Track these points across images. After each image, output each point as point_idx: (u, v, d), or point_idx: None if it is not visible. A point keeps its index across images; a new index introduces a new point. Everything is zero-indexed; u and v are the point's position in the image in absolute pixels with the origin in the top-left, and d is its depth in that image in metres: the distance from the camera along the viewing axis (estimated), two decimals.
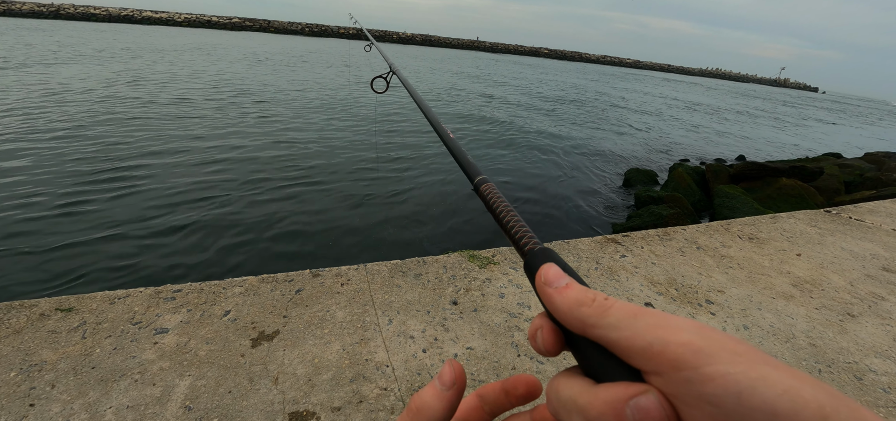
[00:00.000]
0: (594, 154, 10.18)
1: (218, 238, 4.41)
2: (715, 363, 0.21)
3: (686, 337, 0.22)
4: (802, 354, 1.80)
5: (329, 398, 1.35)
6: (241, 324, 1.64)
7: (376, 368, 1.48)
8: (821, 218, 3.39)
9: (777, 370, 0.21)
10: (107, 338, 1.54)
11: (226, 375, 1.41)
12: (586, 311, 0.25)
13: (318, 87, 16.12)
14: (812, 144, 17.31)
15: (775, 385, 0.20)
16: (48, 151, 6.42)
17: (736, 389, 0.20)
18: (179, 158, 6.65)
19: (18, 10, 60.76)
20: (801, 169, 7.97)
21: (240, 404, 1.31)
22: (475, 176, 0.45)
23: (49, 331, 1.56)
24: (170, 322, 1.63)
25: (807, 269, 2.53)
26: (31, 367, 1.41)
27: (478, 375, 1.49)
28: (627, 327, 0.24)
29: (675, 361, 0.22)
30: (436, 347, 1.60)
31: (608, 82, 40.50)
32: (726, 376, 0.21)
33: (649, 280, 2.24)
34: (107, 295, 1.76)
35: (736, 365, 0.21)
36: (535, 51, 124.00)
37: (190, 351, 1.50)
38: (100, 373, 1.40)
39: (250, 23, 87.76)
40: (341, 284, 1.93)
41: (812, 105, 50.24)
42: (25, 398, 1.30)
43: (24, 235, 4.13)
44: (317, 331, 1.64)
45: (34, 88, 10.91)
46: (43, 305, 1.69)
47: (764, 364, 0.21)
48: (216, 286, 1.85)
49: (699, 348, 0.22)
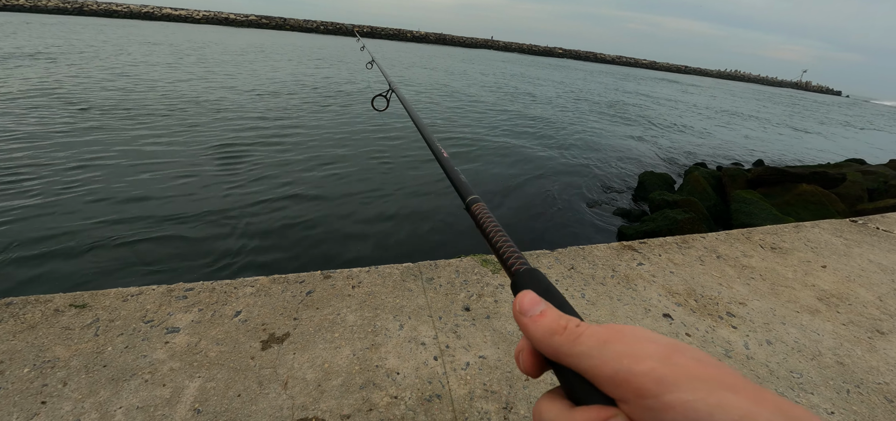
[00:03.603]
0: (608, 156, 10.04)
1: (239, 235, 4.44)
2: (675, 391, 0.22)
3: (649, 365, 0.23)
4: (829, 373, 1.72)
5: (339, 405, 1.33)
6: (251, 325, 1.63)
7: (386, 375, 1.45)
8: (846, 228, 3.27)
9: (737, 395, 0.22)
10: (119, 336, 1.54)
11: (235, 377, 1.40)
12: (558, 340, 0.27)
13: (345, 83, 16.21)
14: (834, 149, 16.84)
15: (731, 411, 0.21)
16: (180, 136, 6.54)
17: (694, 416, 0.21)
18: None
19: (44, 7, 62.36)
20: (822, 175, 7.74)
21: (248, 409, 1.30)
22: (467, 195, 0.47)
23: (62, 327, 1.57)
24: (181, 321, 1.62)
25: (832, 282, 2.44)
26: (44, 363, 1.41)
27: (490, 385, 1.45)
28: (597, 356, 0.25)
29: (638, 389, 0.23)
30: (447, 355, 1.57)
31: (622, 84, 39.99)
32: (685, 404, 0.22)
33: (667, 290, 2.17)
34: (120, 292, 1.76)
35: (695, 392, 0.22)
36: (549, 50, 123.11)
37: (200, 352, 1.49)
38: (111, 372, 1.40)
39: (266, 20, 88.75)
40: (352, 286, 1.91)
41: (835, 108, 48.95)
42: (37, 395, 1.31)
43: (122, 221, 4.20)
44: (327, 334, 1.61)
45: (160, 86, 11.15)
46: (57, 300, 1.70)
47: (724, 390, 0.22)
48: (228, 286, 1.85)
49: (661, 377, 0.23)
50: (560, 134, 11.72)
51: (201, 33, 48.32)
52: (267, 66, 21.63)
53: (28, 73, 12.65)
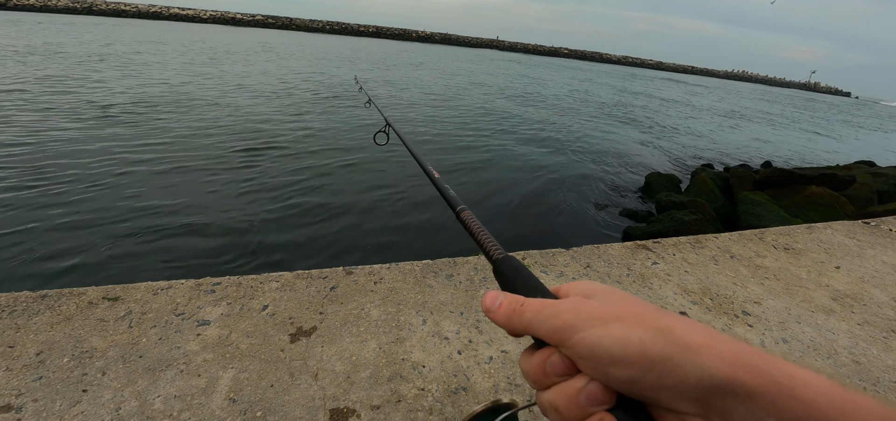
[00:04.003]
0: (614, 156, 10.04)
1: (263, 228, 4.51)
2: (580, 331, 0.31)
3: (564, 319, 0.33)
4: (846, 372, 1.75)
5: (368, 396, 1.37)
6: (279, 319, 1.68)
7: (413, 368, 1.49)
8: (859, 230, 3.28)
9: (622, 324, 0.31)
10: (152, 328, 1.59)
11: (267, 368, 1.44)
12: (514, 320, 0.36)
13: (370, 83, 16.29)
14: (844, 151, 16.73)
15: (613, 335, 0.30)
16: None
17: (590, 345, 0.31)
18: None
19: (54, 7, 62.96)
20: (831, 177, 7.70)
21: (282, 399, 1.34)
22: (456, 205, 0.57)
23: (97, 319, 1.62)
24: (211, 314, 1.67)
25: (847, 282, 2.45)
26: (83, 353, 1.47)
27: (514, 378, 1.49)
28: (537, 323, 0.34)
29: (560, 338, 0.33)
30: (470, 349, 1.61)
31: (628, 84, 39.86)
32: (585, 339, 0.31)
33: (683, 288, 2.20)
34: (150, 285, 1.82)
35: (592, 329, 0.31)
36: (554, 51, 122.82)
37: (231, 344, 1.54)
38: (147, 362, 1.44)
39: (273, 20, 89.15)
40: (374, 282, 1.95)
41: (844, 110, 48.55)
42: (78, 384, 1.35)
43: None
44: (353, 328, 1.66)
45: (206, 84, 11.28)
46: (90, 293, 1.76)
47: (614, 321, 0.31)
48: (253, 280, 1.89)
49: (571, 324, 0.32)
50: (566, 135, 11.73)
51: (209, 33, 48.66)
52: (281, 65, 21.77)
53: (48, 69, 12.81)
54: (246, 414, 1.28)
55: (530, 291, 0.38)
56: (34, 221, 4.27)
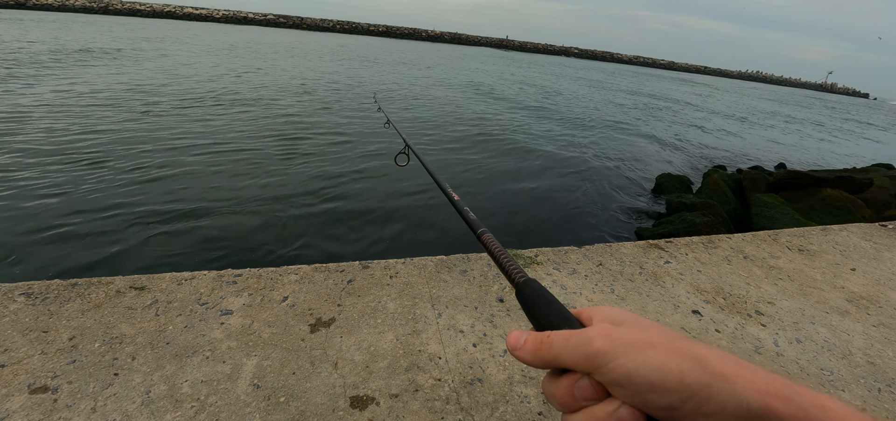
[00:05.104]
0: (625, 157, 9.99)
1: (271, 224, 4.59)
2: (615, 359, 0.32)
3: (597, 346, 0.33)
4: (860, 372, 1.75)
5: (387, 385, 1.41)
6: (299, 310, 1.73)
7: (429, 360, 1.53)
8: (876, 232, 3.25)
9: (657, 351, 0.31)
10: (177, 316, 1.65)
11: (289, 357, 1.49)
12: (543, 353, 0.36)
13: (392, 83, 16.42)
14: (861, 153, 16.43)
15: (651, 363, 0.30)
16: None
17: (627, 372, 0.31)
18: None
19: (72, 7, 64.22)
20: (848, 179, 7.57)
21: (304, 386, 1.38)
22: (477, 228, 0.58)
23: (125, 307, 1.68)
24: (234, 304, 1.73)
25: (862, 284, 2.44)
26: (113, 339, 1.53)
27: (528, 371, 1.52)
28: (566, 353, 0.34)
29: (595, 365, 0.33)
30: (485, 343, 1.64)
31: (640, 85, 39.53)
32: (621, 366, 0.31)
33: (695, 288, 2.21)
34: (174, 276, 1.88)
35: (628, 357, 0.31)
36: (564, 50, 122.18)
37: (254, 332, 1.59)
38: (174, 348, 1.50)
39: (284, 19, 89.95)
40: (390, 276, 2.00)
41: (861, 111, 47.60)
42: (110, 368, 1.41)
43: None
44: (370, 320, 1.70)
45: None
46: (118, 282, 1.82)
47: (649, 349, 0.31)
48: (273, 272, 1.95)
49: (605, 351, 0.32)
50: (577, 134, 11.70)
51: (227, 32, 49.28)
52: (304, 64, 21.98)
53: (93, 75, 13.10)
54: (270, 400, 1.33)
55: (553, 315, 0.39)
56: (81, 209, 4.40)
